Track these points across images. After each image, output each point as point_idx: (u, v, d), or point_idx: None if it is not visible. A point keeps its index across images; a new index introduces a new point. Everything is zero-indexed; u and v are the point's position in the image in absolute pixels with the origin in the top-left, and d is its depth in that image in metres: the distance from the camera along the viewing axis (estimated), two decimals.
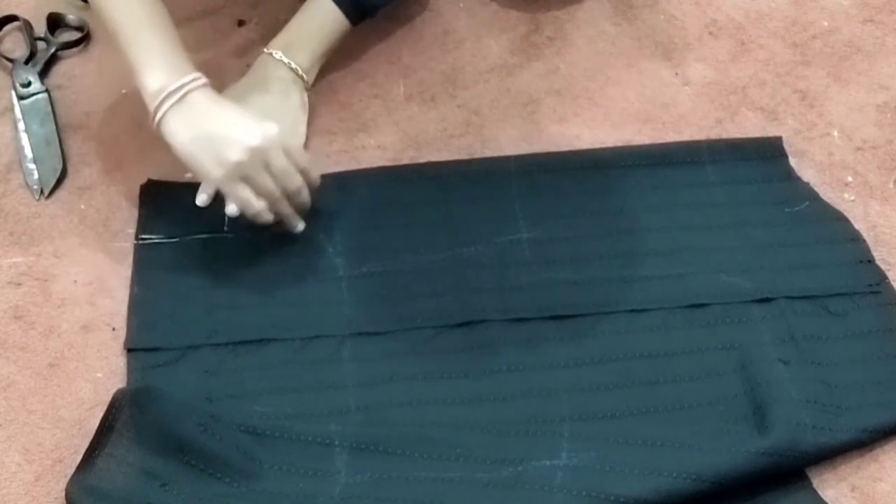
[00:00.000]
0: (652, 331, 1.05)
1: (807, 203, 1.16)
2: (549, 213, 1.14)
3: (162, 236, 1.12)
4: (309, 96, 1.21)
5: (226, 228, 1.10)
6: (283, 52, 1.20)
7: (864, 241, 1.13)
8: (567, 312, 1.06)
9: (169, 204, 1.14)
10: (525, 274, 1.09)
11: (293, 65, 1.19)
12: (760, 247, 1.12)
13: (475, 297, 1.07)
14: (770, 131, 1.24)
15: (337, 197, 1.15)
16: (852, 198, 1.18)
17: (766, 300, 1.07)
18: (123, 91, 1.26)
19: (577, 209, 1.15)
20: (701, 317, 1.06)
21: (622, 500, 0.89)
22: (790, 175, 1.19)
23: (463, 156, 1.21)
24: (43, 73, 1.27)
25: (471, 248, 1.12)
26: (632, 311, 1.06)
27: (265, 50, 1.21)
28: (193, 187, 1.08)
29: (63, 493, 0.92)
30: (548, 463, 0.92)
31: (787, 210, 1.16)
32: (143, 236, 1.12)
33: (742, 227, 1.14)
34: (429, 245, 1.12)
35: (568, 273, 1.10)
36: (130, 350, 1.03)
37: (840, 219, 1.15)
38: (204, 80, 1.04)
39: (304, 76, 1.20)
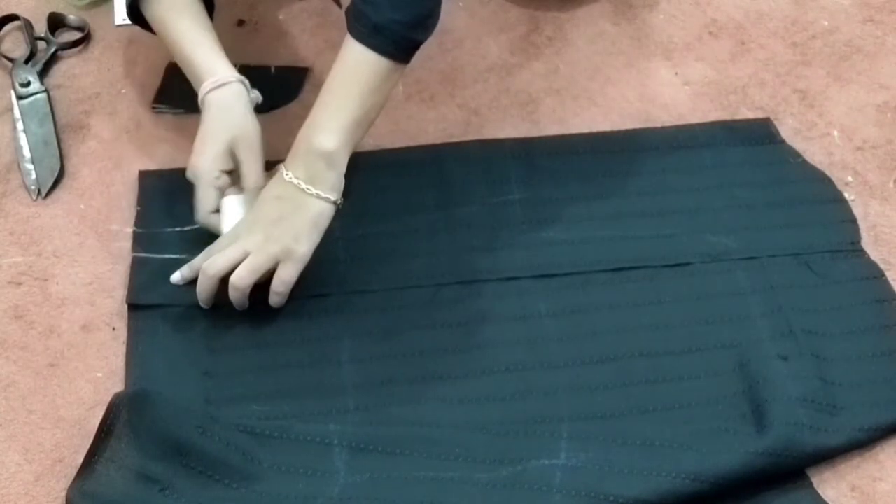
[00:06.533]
0: (638, 289, 1.08)
1: (791, 164, 1.20)
2: (540, 176, 1.18)
3: (159, 229, 1.13)
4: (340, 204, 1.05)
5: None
6: (306, 175, 1.03)
7: (846, 201, 1.17)
8: (556, 271, 1.09)
9: (167, 195, 1.15)
10: (516, 234, 1.12)
11: (303, 185, 1.03)
12: (746, 207, 1.16)
13: (468, 257, 1.10)
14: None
15: None
16: (852, 198, 1.18)
17: (751, 258, 1.10)
18: (123, 91, 1.27)
19: (567, 171, 1.19)
20: (686, 275, 1.09)
21: (621, 500, 0.89)
22: (775, 137, 1.23)
23: None
24: (43, 73, 1.27)
25: (464, 208, 1.14)
26: (619, 269, 1.09)
27: (284, 171, 1.04)
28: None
29: (63, 493, 0.92)
30: (547, 463, 0.93)
31: (772, 171, 1.19)
32: (140, 228, 1.13)
33: (728, 188, 1.17)
34: (423, 206, 1.14)
35: (557, 233, 1.13)
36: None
37: (824, 179, 1.19)
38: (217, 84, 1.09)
39: (326, 194, 1.03)
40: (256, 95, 1.12)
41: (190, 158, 1.09)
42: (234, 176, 1.09)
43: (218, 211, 1.07)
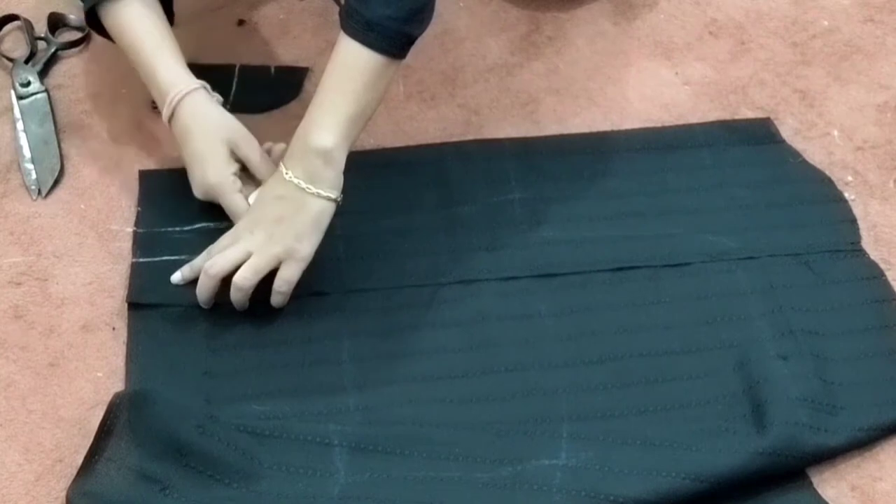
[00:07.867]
0: (638, 289, 1.08)
1: (791, 164, 1.20)
2: (540, 175, 1.18)
3: (160, 228, 1.13)
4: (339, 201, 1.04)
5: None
6: (305, 173, 1.02)
7: (846, 201, 1.16)
8: (555, 271, 1.09)
9: (167, 195, 1.15)
10: (516, 234, 1.12)
11: (303, 184, 1.02)
12: (746, 207, 1.16)
13: (468, 256, 1.10)
14: None
15: None
16: (852, 197, 1.18)
17: (751, 258, 1.10)
18: (123, 91, 1.26)
19: (567, 171, 1.19)
20: (686, 275, 1.09)
21: (621, 500, 0.89)
22: (775, 137, 1.23)
23: None
24: (43, 73, 1.27)
25: (464, 207, 1.14)
26: (619, 269, 1.09)
27: (284, 171, 1.03)
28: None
29: (63, 493, 0.92)
30: (547, 463, 0.93)
31: (772, 171, 1.19)
32: (140, 228, 1.13)
33: (728, 188, 1.17)
34: (423, 205, 1.14)
35: (557, 233, 1.13)
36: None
37: (824, 179, 1.18)
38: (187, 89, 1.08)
39: (326, 192, 1.03)
40: (218, 97, 1.12)
41: (195, 176, 1.09)
42: (239, 175, 1.09)
43: None
